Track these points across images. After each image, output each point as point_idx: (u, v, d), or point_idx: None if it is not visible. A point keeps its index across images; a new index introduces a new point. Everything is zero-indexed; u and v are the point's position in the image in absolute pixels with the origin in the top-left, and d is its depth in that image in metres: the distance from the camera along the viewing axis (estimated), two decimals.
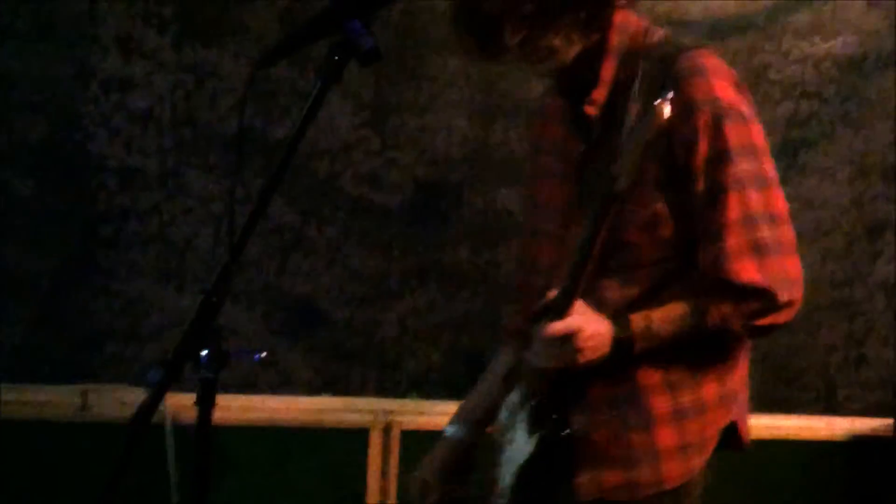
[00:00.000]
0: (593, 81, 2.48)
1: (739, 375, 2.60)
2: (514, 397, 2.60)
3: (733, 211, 2.39)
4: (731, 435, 2.61)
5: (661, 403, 2.49)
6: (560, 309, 2.38)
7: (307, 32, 2.37)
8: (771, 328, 2.45)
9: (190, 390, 2.24)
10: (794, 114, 4.29)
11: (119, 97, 3.99)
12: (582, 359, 2.39)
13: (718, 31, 4.23)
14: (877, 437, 4.20)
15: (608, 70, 2.48)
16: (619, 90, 2.45)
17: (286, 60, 2.49)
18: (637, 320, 2.40)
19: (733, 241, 2.39)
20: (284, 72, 3.94)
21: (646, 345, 2.41)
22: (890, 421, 4.05)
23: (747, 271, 2.39)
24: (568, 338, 2.37)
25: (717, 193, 2.39)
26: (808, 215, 4.31)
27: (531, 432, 2.52)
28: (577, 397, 2.50)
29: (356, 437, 3.94)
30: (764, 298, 2.41)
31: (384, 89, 4.05)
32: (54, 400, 3.90)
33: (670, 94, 2.24)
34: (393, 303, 4.14)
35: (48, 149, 3.96)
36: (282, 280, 4.05)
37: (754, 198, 2.40)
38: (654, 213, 2.43)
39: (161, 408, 2.31)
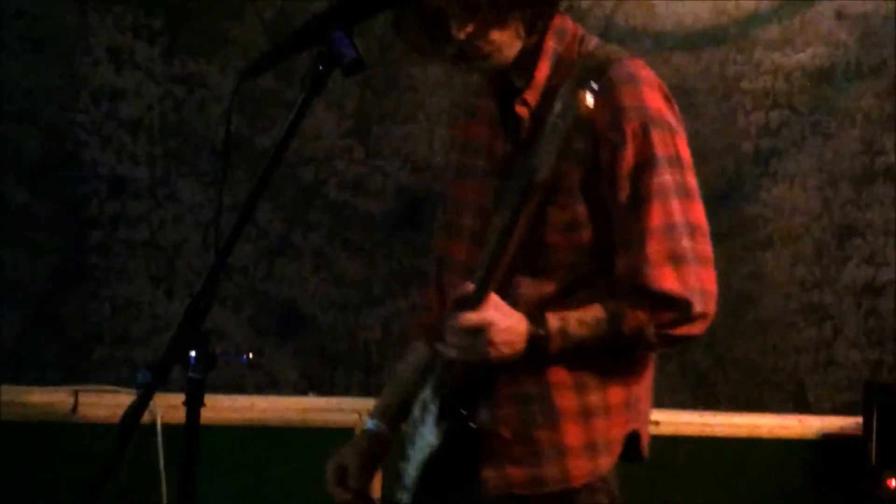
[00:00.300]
0: (526, 83, 2.45)
1: (645, 383, 2.55)
2: (426, 392, 2.55)
3: (655, 219, 2.36)
4: (633, 445, 2.55)
5: (568, 402, 2.44)
6: (474, 301, 2.33)
7: (292, 44, 2.37)
8: (683, 339, 2.42)
9: (179, 391, 2.24)
10: (765, 123, 4.30)
11: (110, 107, 3.98)
12: (493, 353, 2.34)
13: (692, 43, 4.24)
14: (846, 435, 4.20)
15: (542, 73, 2.45)
16: (550, 93, 2.39)
17: (272, 71, 2.48)
18: (553, 320, 2.35)
19: (653, 248, 2.35)
20: (270, 82, 3.94)
21: (560, 344, 2.36)
22: (859, 420, 4.05)
23: (665, 279, 2.35)
24: (480, 330, 2.32)
25: (640, 201, 2.36)
26: (779, 221, 4.33)
27: (438, 425, 2.47)
28: (485, 392, 2.45)
29: (341, 436, 3.92)
30: (679, 308, 2.37)
31: (367, 99, 4.06)
32: (47, 401, 3.88)
33: (595, 86, 2.20)
34: (376, 307, 4.14)
35: (41, 157, 3.96)
36: (268, 284, 4.05)
37: (677, 208, 2.37)
38: (573, 216, 2.39)
39: (151, 408, 2.31)
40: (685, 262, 2.37)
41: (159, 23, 3.99)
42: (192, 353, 2.17)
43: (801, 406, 4.35)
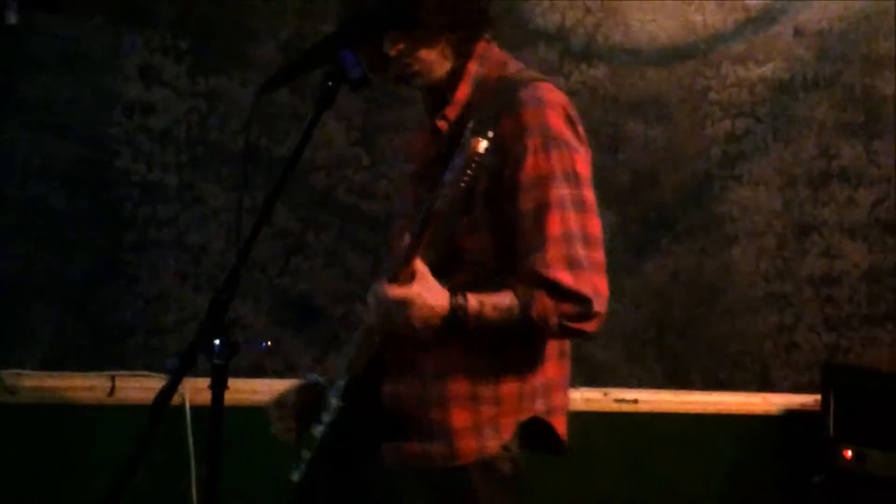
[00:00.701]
0: (449, 101, 2.49)
1: (546, 377, 2.51)
2: (339, 360, 2.58)
3: (554, 228, 2.36)
4: (541, 433, 2.52)
5: (460, 388, 2.43)
6: (397, 273, 2.28)
7: (305, 62, 2.39)
8: (579, 333, 2.41)
9: (205, 375, 2.25)
10: (731, 130, 4.31)
11: (141, 120, 3.98)
12: (407, 329, 2.29)
13: (665, 59, 4.24)
14: (806, 411, 4.21)
15: (462, 93, 2.48)
16: (469, 112, 2.42)
17: (287, 87, 2.49)
18: (473, 301, 2.32)
19: (552, 254, 2.35)
20: (285, 97, 3.94)
21: (475, 325, 2.32)
22: (817, 397, 4.06)
23: (566, 280, 2.35)
24: (402, 304, 2.27)
25: (540, 210, 2.37)
26: (745, 219, 4.33)
27: (339, 396, 2.49)
28: (387, 371, 2.46)
29: None
30: (581, 304, 2.36)
31: (372, 112, 4.06)
32: (86, 386, 3.89)
33: (490, 133, 2.18)
34: None
35: (79, 166, 3.96)
36: (285, 279, 4.05)
37: (573, 218, 2.39)
38: (476, 221, 2.41)
39: (180, 391, 2.32)
40: (581, 268, 2.37)
41: (185, 44, 3.99)
42: (217, 342, 2.19)
43: (766, 385, 4.36)
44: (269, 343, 2.68)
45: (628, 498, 4.19)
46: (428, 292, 2.29)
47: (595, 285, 2.38)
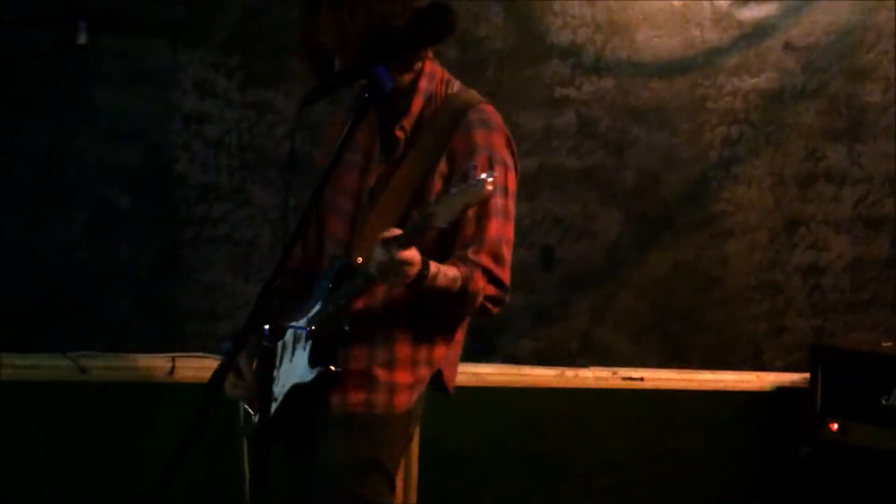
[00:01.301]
0: (404, 112, 2.62)
1: (457, 341, 2.75)
2: (299, 327, 2.68)
3: (491, 230, 2.59)
4: (438, 378, 2.74)
5: (404, 352, 2.65)
6: (405, 242, 2.38)
7: (342, 77, 2.39)
8: (488, 313, 2.64)
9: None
10: (727, 136, 4.28)
11: (197, 128, 3.99)
12: (405, 280, 2.43)
13: (665, 71, 4.22)
14: (795, 388, 4.19)
15: (416, 106, 2.63)
16: (421, 123, 2.61)
17: (327, 99, 2.50)
18: (433, 267, 2.47)
19: (487, 249, 2.58)
20: (326, 107, 3.93)
21: (429, 285, 2.48)
22: (806, 375, 4.04)
23: (496, 269, 2.59)
24: (409, 262, 2.40)
25: (482, 216, 2.57)
26: (739, 215, 4.31)
27: (313, 364, 2.61)
28: (343, 337, 2.61)
29: None
30: (502, 290, 2.63)
31: None
32: (150, 366, 3.91)
33: (492, 177, 2.30)
34: None
35: (141, 170, 3.97)
36: None
37: (503, 225, 2.61)
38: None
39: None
40: (504, 265, 2.62)
41: (236, 60, 3.99)
42: (266, 327, 2.19)
43: (759, 365, 4.34)
44: (313, 327, 2.69)
45: (635, 465, 4.18)
46: (418, 256, 2.43)
47: (508, 279, 2.64)
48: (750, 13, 4.24)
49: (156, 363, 3.90)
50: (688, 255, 4.29)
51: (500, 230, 2.60)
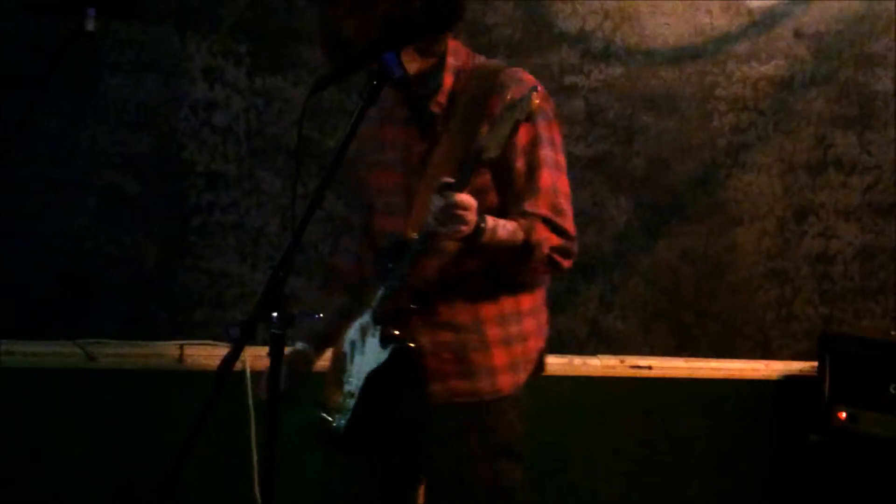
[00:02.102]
0: (437, 89, 2.59)
1: (545, 314, 2.73)
2: (364, 320, 2.66)
3: (544, 181, 2.55)
4: (541, 359, 2.74)
5: (495, 332, 2.61)
6: (457, 187, 2.38)
7: (351, 64, 2.38)
8: (558, 267, 2.58)
9: (263, 344, 2.25)
10: (736, 123, 4.27)
11: (205, 116, 3.99)
12: (465, 229, 2.40)
13: (676, 59, 4.20)
14: (803, 376, 4.18)
15: (447, 82, 2.60)
16: (455, 97, 2.59)
17: (335, 86, 2.48)
18: (490, 220, 2.45)
19: (543, 200, 2.53)
20: (334, 94, 3.94)
21: (489, 238, 2.44)
22: (814, 364, 4.03)
23: (556, 218, 2.55)
24: (465, 206, 2.38)
25: (533, 168, 2.55)
26: (749, 202, 4.29)
27: (383, 345, 2.58)
28: (424, 322, 2.58)
29: None
30: (568, 239, 2.57)
31: None
32: (158, 353, 3.91)
33: (540, 88, 2.33)
34: None
35: (151, 157, 3.97)
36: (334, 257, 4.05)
37: (556, 176, 2.57)
38: (483, 183, 2.54)
39: (241, 358, 2.32)
40: (564, 216, 2.57)
41: (244, 48, 3.99)
42: (274, 314, 2.18)
43: (767, 353, 4.33)
44: (320, 315, 2.68)
45: (642, 453, 4.17)
46: (473, 201, 2.40)
47: (574, 229, 2.58)
48: (759, 1, 4.22)
49: (164, 350, 3.91)
50: (696, 243, 4.28)
51: (554, 180, 2.56)
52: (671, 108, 4.22)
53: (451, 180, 2.38)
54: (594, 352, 4.23)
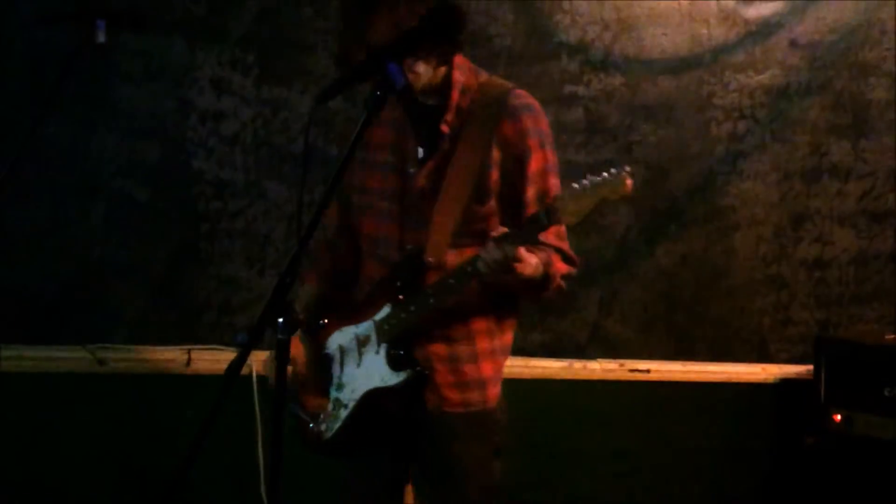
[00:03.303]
0: (444, 106, 2.59)
1: (514, 332, 2.76)
2: (361, 331, 2.64)
3: None
4: None
5: (484, 345, 2.65)
6: (520, 240, 2.41)
7: (356, 74, 2.38)
8: (562, 291, 2.63)
9: (270, 349, 2.25)
10: (733, 131, 4.27)
11: (213, 125, 4.00)
12: (514, 277, 2.45)
13: (674, 68, 4.20)
14: (800, 379, 4.18)
15: (455, 99, 2.59)
16: (461, 114, 2.58)
17: (340, 96, 2.49)
18: (532, 261, 2.47)
19: (553, 230, 2.51)
20: (340, 104, 3.94)
21: (526, 274, 2.47)
22: (810, 367, 4.03)
23: (566, 247, 2.62)
24: (522, 261, 2.43)
25: (544, 195, 2.57)
26: (746, 209, 4.30)
27: (396, 369, 2.58)
28: (419, 337, 2.59)
29: None
30: (574, 266, 2.65)
31: None
32: (167, 357, 3.92)
33: (627, 168, 2.30)
34: None
35: (160, 165, 3.98)
36: None
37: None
38: (489, 210, 2.58)
39: (248, 363, 2.32)
40: (566, 240, 2.65)
41: (251, 58, 4.00)
42: (280, 320, 2.19)
43: (764, 357, 4.33)
44: (325, 321, 2.69)
45: (641, 455, 4.17)
46: (533, 257, 2.48)
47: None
48: (756, 11, 4.22)
49: (173, 355, 3.91)
50: (695, 249, 4.28)
51: None
52: (669, 117, 4.23)
53: (508, 231, 2.41)
54: (594, 356, 4.23)
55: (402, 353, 2.58)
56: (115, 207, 3.95)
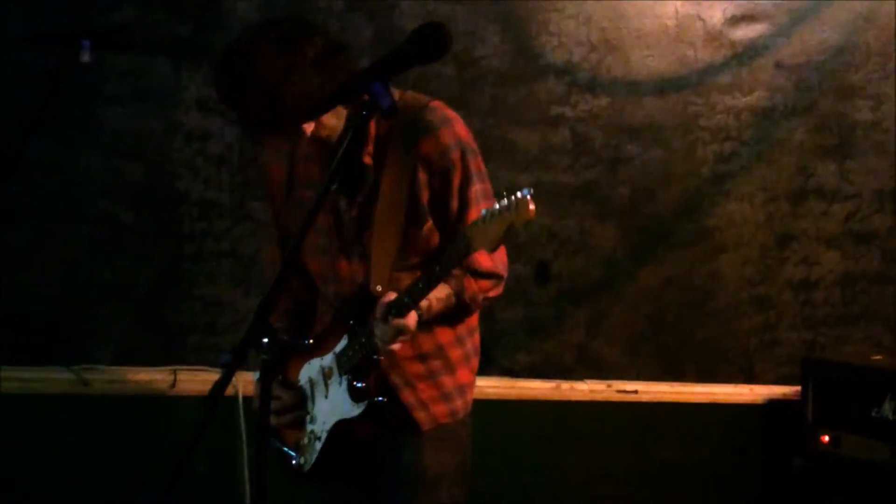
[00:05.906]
0: (365, 139, 2.59)
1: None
2: (326, 363, 2.67)
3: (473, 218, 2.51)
4: None
5: (456, 353, 2.70)
6: (402, 310, 2.47)
7: (340, 94, 2.38)
8: (494, 299, 2.68)
9: (255, 369, 2.25)
10: (719, 152, 4.28)
11: (199, 145, 4.00)
12: (400, 346, 2.52)
13: (661, 89, 4.22)
14: (787, 400, 4.19)
15: (373, 130, 2.60)
16: (381, 141, 2.59)
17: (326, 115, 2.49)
18: (423, 303, 2.50)
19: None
20: None
21: (428, 317, 2.54)
22: (797, 388, 4.03)
23: (484, 261, 2.58)
24: (409, 330, 2.48)
25: (464, 207, 2.59)
26: (732, 230, 4.31)
27: (356, 400, 2.60)
28: (391, 360, 2.61)
29: None
30: (494, 279, 2.64)
31: None
32: (152, 379, 3.90)
33: (530, 191, 2.22)
34: None
35: (145, 186, 3.98)
36: None
37: (485, 206, 2.51)
38: (427, 229, 2.61)
39: (233, 383, 2.32)
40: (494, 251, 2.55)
41: None
42: (265, 340, 2.18)
43: (751, 377, 4.33)
44: (310, 341, 2.68)
45: (629, 476, 4.17)
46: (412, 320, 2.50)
47: (503, 257, 2.65)
48: (742, 33, 4.24)
49: (158, 376, 3.90)
50: (681, 270, 4.29)
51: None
52: (656, 138, 4.24)
53: (397, 298, 2.45)
54: (581, 377, 4.23)
55: (360, 385, 2.60)
56: (100, 228, 3.94)
